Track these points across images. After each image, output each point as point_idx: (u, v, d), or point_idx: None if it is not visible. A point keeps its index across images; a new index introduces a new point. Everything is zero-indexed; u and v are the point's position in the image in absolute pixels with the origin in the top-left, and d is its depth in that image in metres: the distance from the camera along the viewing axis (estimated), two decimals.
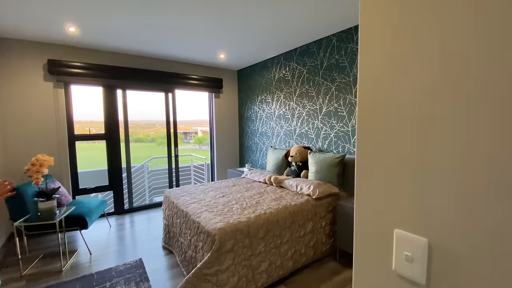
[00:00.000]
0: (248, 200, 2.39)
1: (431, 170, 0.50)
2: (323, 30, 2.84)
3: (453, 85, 0.46)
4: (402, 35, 0.53)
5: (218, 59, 3.91)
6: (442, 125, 0.47)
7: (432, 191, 0.51)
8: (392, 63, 0.55)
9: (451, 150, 0.46)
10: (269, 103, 3.96)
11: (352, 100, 2.74)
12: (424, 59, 0.49)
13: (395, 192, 0.58)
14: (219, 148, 4.58)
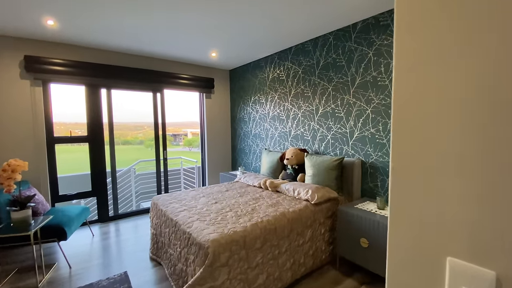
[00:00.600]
0: (243, 207, 2.23)
1: (506, 178, 0.37)
2: (319, 28, 2.73)
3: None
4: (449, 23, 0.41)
5: (210, 57, 3.75)
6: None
7: (505, 207, 0.38)
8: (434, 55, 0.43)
9: None
10: (262, 104, 3.83)
11: (350, 100, 2.64)
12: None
13: (448, 208, 0.45)
14: (210, 150, 4.41)
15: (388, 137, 2.35)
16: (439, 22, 0.44)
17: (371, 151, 2.50)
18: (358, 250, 2.09)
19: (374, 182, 2.49)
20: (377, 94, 2.41)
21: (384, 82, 2.36)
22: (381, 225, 1.92)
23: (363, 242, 2.04)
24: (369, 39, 2.45)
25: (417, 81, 0.48)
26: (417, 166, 0.48)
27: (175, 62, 3.95)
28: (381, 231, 1.93)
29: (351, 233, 2.14)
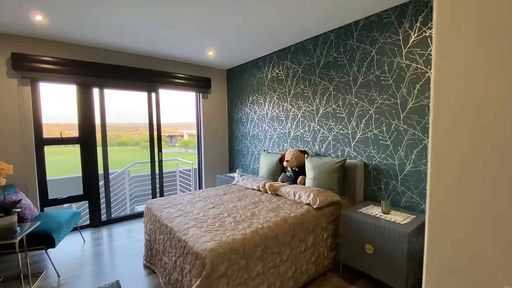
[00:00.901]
0: (242, 212, 2.12)
1: None
2: (320, 26, 2.64)
3: None
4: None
5: (206, 56, 3.64)
6: None
7: None
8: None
9: None
10: (261, 104, 3.73)
11: (352, 100, 2.56)
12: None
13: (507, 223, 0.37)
14: (207, 152, 4.29)
15: (392, 138, 2.27)
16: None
17: (374, 153, 2.42)
18: (363, 257, 2.00)
19: (378, 185, 2.41)
20: (381, 93, 2.33)
21: (387, 82, 2.28)
22: (387, 230, 1.83)
23: (368, 248, 1.95)
24: (372, 37, 2.37)
25: (471, 87, 0.39)
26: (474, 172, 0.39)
27: (170, 61, 3.83)
28: (387, 237, 1.84)
29: (355, 239, 2.05)
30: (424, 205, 2.09)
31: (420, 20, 2.05)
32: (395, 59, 2.22)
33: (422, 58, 2.05)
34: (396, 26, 2.20)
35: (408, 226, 1.81)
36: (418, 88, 2.09)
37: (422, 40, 2.04)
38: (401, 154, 2.22)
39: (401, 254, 1.75)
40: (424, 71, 2.05)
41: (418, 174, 2.12)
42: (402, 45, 2.17)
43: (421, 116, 2.08)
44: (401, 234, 1.76)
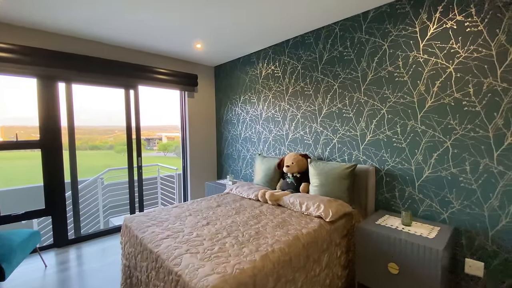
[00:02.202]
0: (243, 229, 1.78)
1: None
2: (323, 18, 2.39)
3: None
4: None
5: (194, 50, 3.26)
6: None
7: None
8: None
9: None
10: (254, 103, 3.41)
11: (361, 99, 2.32)
12: None
13: None
14: (193, 156, 3.88)
15: (408, 140, 2.05)
16: None
17: (387, 157, 2.19)
18: (385, 277, 1.73)
19: (391, 193, 2.18)
20: (394, 91, 2.11)
21: (402, 78, 2.06)
22: (416, 246, 1.58)
23: (392, 267, 1.69)
24: (384, 30, 2.15)
25: None
26: None
27: (152, 55, 3.40)
28: (415, 255, 1.59)
29: (375, 257, 1.78)
30: (446, 214, 1.88)
31: (440, 11, 1.85)
32: (410, 53, 2.01)
33: (443, 52, 1.85)
34: (412, 17, 1.99)
35: (439, 241, 1.58)
36: (438, 85, 1.89)
37: (443, 32, 1.85)
38: (418, 158, 2.01)
39: (434, 274, 1.51)
40: (445, 66, 1.85)
41: (439, 180, 1.91)
42: (419, 38, 1.96)
43: (442, 116, 1.87)
44: (433, 251, 1.51)
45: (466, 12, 1.73)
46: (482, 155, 1.71)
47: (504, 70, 1.61)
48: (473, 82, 1.73)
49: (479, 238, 1.74)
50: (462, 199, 1.81)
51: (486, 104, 1.69)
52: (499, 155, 1.65)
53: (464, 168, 1.79)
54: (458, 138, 1.81)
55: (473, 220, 1.77)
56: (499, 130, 1.64)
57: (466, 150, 1.78)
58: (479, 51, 1.70)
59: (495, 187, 1.67)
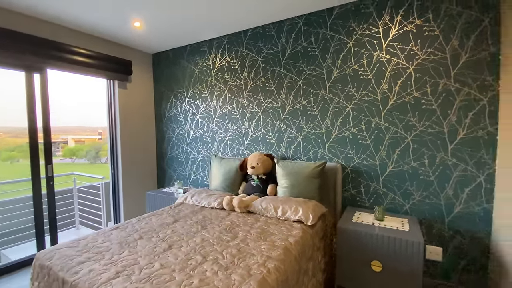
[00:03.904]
0: (220, 248, 1.44)
1: None
2: (285, 10, 2.27)
3: None
4: None
5: (130, 29, 2.64)
6: None
7: None
8: None
9: None
10: (206, 99, 3.02)
11: (326, 96, 2.29)
12: None
13: None
14: (126, 161, 3.18)
15: (373, 137, 2.11)
16: None
17: (352, 154, 2.21)
18: (367, 276, 1.70)
19: (357, 189, 2.21)
20: (359, 89, 2.15)
21: (367, 76, 2.11)
22: (398, 241, 1.59)
23: (376, 265, 1.66)
24: (349, 28, 2.16)
25: None
26: None
27: (71, 30, 2.59)
28: (398, 250, 1.60)
29: (357, 256, 1.73)
30: (408, 205, 2.01)
31: (401, 14, 1.96)
32: (374, 53, 2.08)
33: (404, 53, 1.97)
34: (376, 18, 2.06)
35: (415, 233, 1.63)
36: (399, 84, 2.00)
37: (403, 34, 1.96)
38: (382, 153, 2.09)
39: (417, 267, 1.54)
40: (405, 67, 1.97)
41: (401, 174, 2.03)
42: (382, 38, 2.04)
43: (403, 113, 1.99)
44: (415, 244, 1.54)
45: (424, 17, 1.88)
46: (438, 149, 1.88)
47: (457, 72, 1.80)
48: (430, 82, 1.88)
49: (437, 225, 1.91)
50: (421, 191, 1.96)
51: (441, 102, 1.86)
52: (452, 148, 1.84)
53: (423, 161, 1.94)
54: (418, 134, 1.95)
55: (431, 209, 1.93)
56: (452, 126, 1.83)
57: (424, 145, 1.93)
58: (435, 54, 1.86)
59: (450, 178, 1.85)
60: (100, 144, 16.83)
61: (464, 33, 1.76)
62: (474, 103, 1.76)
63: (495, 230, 1.72)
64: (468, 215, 1.81)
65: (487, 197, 1.75)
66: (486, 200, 1.75)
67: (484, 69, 1.72)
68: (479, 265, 1.78)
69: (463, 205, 1.82)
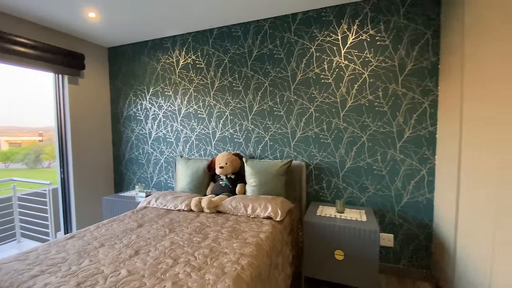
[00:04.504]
0: (192, 250, 1.41)
1: None
2: (251, 12, 2.32)
3: None
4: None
5: (84, 20, 2.41)
6: None
7: None
8: None
9: None
10: (169, 97, 2.91)
11: (291, 98, 2.39)
12: None
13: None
14: (78, 163, 2.89)
15: (333, 136, 2.28)
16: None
17: (315, 152, 2.35)
18: (331, 265, 1.83)
19: (320, 185, 2.35)
20: (321, 92, 2.30)
21: (327, 80, 2.27)
22: (357, 231, 1.75)
23: (338, 254, 1.80)
24: (311, 33, 2.30)
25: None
26: None
27: (13, 18, 2.26)
28: (357, 238, 1.75)
29: (322, 248, 1.85)
30: (364, 198, 2.21)
31: (357, 24, 2.16)
32: (334, 58, 2.24)
33: (360, 60, 2.16)
34: (335, 26, 2.22)
35: (372, 223, 1.81)
36: (356, 88, 2.19)
37: (359, 42, 2.16)
38: (341, 151, 2.26)
39: (374, 253, 1.71)
40: (361, 72, 2.16)
41: (358, 169, 2.22)
42: (341, 45, 2.21)
43: (359, 114, 2.19)
44: (372, 232, 1.71)
45: (377, 28, 2.09)
46: (389, 146, 2.11)
47: (404, 79, 2.04)
48: (382, 87, 2.10)
49: (388, 214, 2.14)
50: (375, 184, 2.17)
51: (391, 105, 2.09)
52: (400, 146, 2.08)
53: (376, 158, 2.16)
54: (372, 133, 2.16)
55: (383, 201, 2.15)
56: (400, 126, 2.07)
57: (377, 143, 2.15)
58: (386, 62, 2.08)
59: (399, 172, 2.09)
60: (41, 146, 14.87)
61: (410, 44, 2.01)
62: (418, 106, 2.02)
63: (436, 215, 1.99)
64: (414, 204, 2.07)
65: (429, 188, 2.02)
66: (429, 190, 2.02)
67: (426, 76, 1.98)
68: (424, 247, 2.05)
69: (410, 196, 2.07)
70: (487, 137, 1.30)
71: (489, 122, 1.28)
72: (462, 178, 1.57)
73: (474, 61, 1.44)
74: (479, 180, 1.37)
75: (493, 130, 1.24)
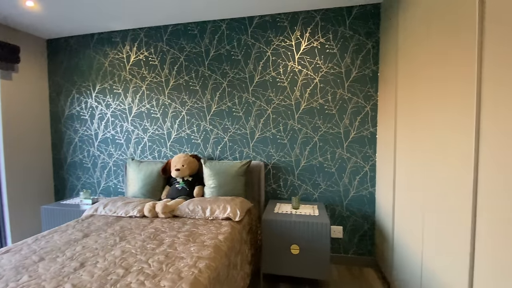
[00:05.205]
0: (145, 257, 1.35)
1: None
2: (208, 11, 2.30)
3: None
4: None
5: (20, 9, 2.10)
6: None
7: None
8: None
9: None
10: (119, 95, 2.71)
11: (250, 99, 2.44)
12: None
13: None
14: (12, 170, 2.50)
15: (289, 137, 2.39)
16: None
17: (273, 152, 2.44)
18: (288, 260, 1.92)
19: (277, 183, 2.45)
20: (277, 94, 2.39)
21: (283, 83, 2.37)
22: (310, 225, 1.87)
23: (294, 248, 1.90)
24: (267, 37, 2.37)
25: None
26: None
27: None
28: (310, 231, 1.87)
29: (278, 244, 1.93)
30: (317, 194, 2.37)
31: (309, 31, 2.30)
32: (289, 63, 2.35)
33: (312, 66, 2.31)
34: (289, 32, 2.33)
35: (323, 217, 1.95)
36: (308, 92, 2.33)
37: (311, 49, 2.30)
38: (296, 151, 2.39)
39: (325, 245, 1.85)
40: (313, 77, 2.31)
41: (311, 167, 2.37)
42: (294, 51, 2.34)
43: (312, 116, 2.34)
44: (324, 225, 1.85)
45: (326, 37, 2.26)
46: (337, 146, 2.30)
47: (349, 85, 2.24)
48: (331, 91, 2.28)
49: (338, 208, 2.33)
50: (326, 181, 2.34)
51: (338, 108, 2.28)
52: (347, 145, 2.28)
53: (326, 156, 2.33)
54: (322, 134, 2.33)
55: (333, 196, 2.34)
56: (346, 128, 2.27)
57: (327, 143, 2.32)
58: (334, 69, 2.26)
59: (345, 169, 2.29)
60: None
61: (354, 53, 2.22)
62: (361, 110, 2.24)
63: (377, 207, 2.23)
64: (359, 197, 2.29)
65: (371, 183, 2.26)
66: (371, 185, 2.26)
67: (368, 83, 2.21)
68: (368, 236, 2.28)
69: (355, 190, 2.29)
70: (414, 137, 1.51)
71: (413, 124, 1.49)
72: (397, 174, 1.80)
73: (405, 71, 1.66)
74: (409, 175, 1.58)
75: (417, 130, 1.45)
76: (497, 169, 0.85)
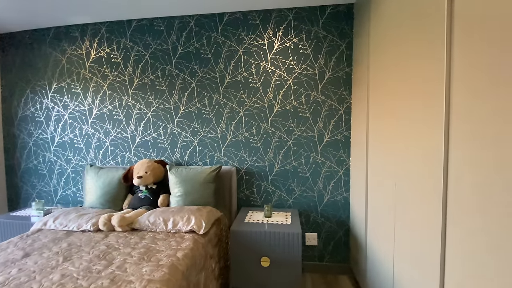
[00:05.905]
0: (87, 282, 1.17)
1: None
2: (173, 6, 2.14)
3: None
4: None
5: None
6: None
7: None
8: None
9: None
10: (78, 95, 2.47)
11: (220, 100, 2.30)
12: None
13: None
14: None
15: (262, 140, 2.27)
16: None
17: (245, 156, 2.31)
18: (259, 273, 1.80)
19: (250, 189, 2.33)
20: (249, 96, 2.27)
21: (255, 85, 2.25)
22: (281, 235, 1.76)
23: (264, 261, 1.78)
24: (238, 36, 2.25)
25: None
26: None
27: None
28: (281, 243, 1.76)
29: (248, 256, 1.80)
30: (291, 200, 2.27)
31: (282, 31, 2.20)
32: (261, 63, 2.24)
33: (285, 66, 2.21)
34: (261, 30, 2.22)
35: (295, 225, 1.85)
36: (282, 93, 2.23)
37: (284, 49, 2.20)
38: (270, 155, 2.28)
39: (297, 255, 1.75)
40: (286, 79, 2.21)
41: (285, 172, 2.27)
42: (267, 50, 2.22)
43: (285, 119, 2.24)
44: (295, 235, 1.75)
45: (299, 37, 2.16)
46: (311, 150, 2.21)
47: (323, 87, 2.16)
48: (305, 94, 2.19)
49: (313, 214, 2.25)
50: (300, 186, 2.25)
51: (312, 111, 2.19)
52: (321, 149, 2.20)
53: (301, 161, 2.24)
54: (296, 137, 2.23)
55: (308, 201, 2.25)
56: (320, 131, 2.19)
57: (301, 147, 2.23)
58: (308, 70, 2.17)
59: (320, 174, 2.21)
60: None
61: (328, 54, 2.14)
62: (335, 113, 2.16)
63: (351, 213, 2.17)
64: (333, 203, 2.21)
65: (346, 187, 2.19)
66: (345, 190, 2.19)
67: (341, 85, 2.14)
68: (343, 243, 2.21)
69: (330, 195, 2.21)
70: (385, 140, 1.44)
71: (384, 126, 1.42)
72: (369, 178, 1.73)
73: (376, 72, 1.59)
74: (380, 178, 1.51)
75: (387, 132, 1.38)
76: (470, 175, 0.77)
